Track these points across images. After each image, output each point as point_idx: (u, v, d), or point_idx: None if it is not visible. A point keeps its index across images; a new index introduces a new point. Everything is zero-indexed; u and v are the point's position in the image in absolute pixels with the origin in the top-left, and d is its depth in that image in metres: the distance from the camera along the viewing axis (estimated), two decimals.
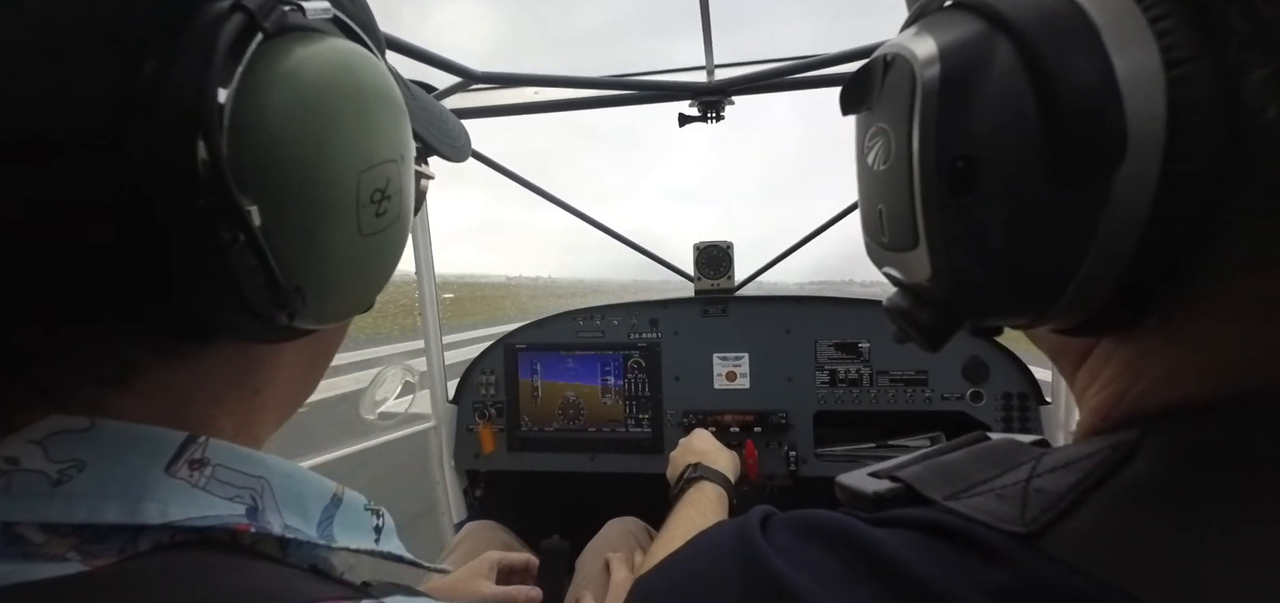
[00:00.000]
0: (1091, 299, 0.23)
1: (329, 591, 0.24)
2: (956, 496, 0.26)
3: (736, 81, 1.19)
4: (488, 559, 0.88)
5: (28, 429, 0.22)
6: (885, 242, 0.27)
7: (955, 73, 0.22)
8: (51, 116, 0.20)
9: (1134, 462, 0.23)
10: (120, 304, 0.23)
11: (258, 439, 0.30)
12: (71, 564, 0.21)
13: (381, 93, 0.27)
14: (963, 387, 1.24)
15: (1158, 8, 0.20)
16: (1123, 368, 0.26)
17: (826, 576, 0.25)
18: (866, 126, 0.27)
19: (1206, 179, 0.20)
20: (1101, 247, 0.22)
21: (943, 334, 0.26)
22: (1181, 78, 0.19)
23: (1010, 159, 0.21)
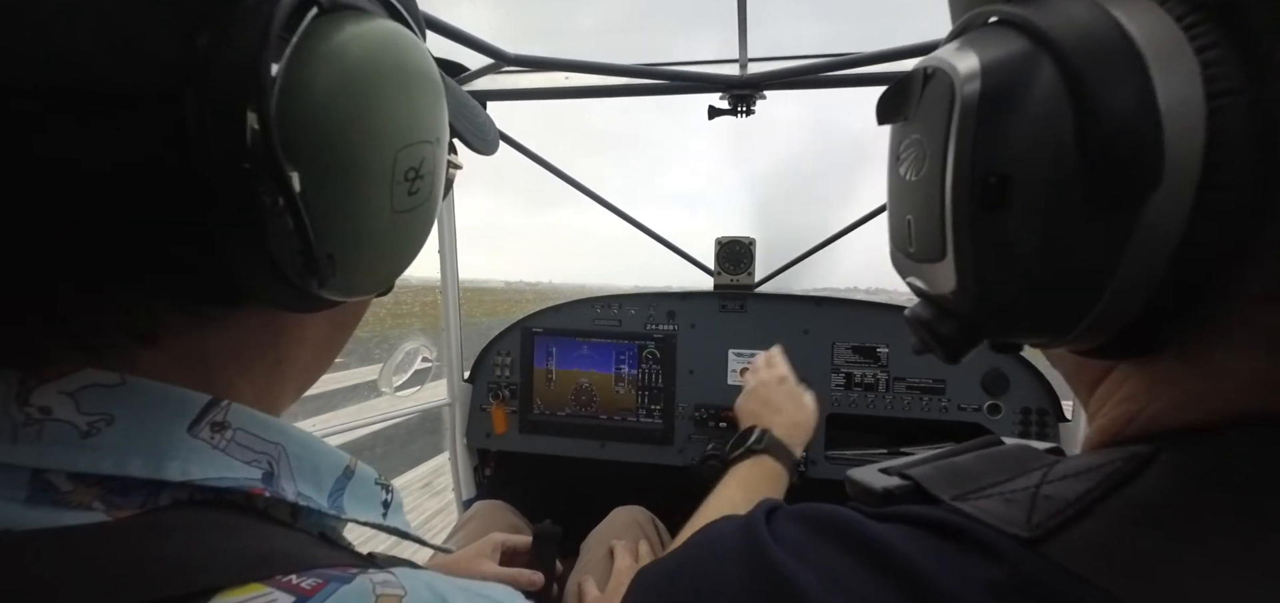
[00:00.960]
0: (1114, 322, 0.23)
1: (338, 557, 0.24)
2: (964, 496, 0.26)
3: (770, 76, 1.17)
4: (492, 540, 0.89)
5: (61, 381, 0.23)
6: (912, 251, 0.27)
7: (995, 90, 0.22)
8: (110, 73, 0.20)
9: (1145, 475, 0.23)
10: (160, 263, 0.23)
11: (275, 407, 0.31)
12: (96, 514, 0.21)
13: (424, 75, 0.28)
14: (981, 399, 1.21)
15: (1204, 37, 0.19)
16: (1136, 390, 0.26)
17: (831, 572, 0.25)
18: (902, 137, 0.27)
19: (1238, 210, 0.20)
20: (1128, 271, 0.21)
21: (963, 347, 0.26)
22: (1222, 109, 0.19)
23: (1044, 179, 0.21)
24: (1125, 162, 0.20)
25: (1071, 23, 0.21)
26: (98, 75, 0.20)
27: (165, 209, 0.22)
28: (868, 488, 0.30)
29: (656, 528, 1.10)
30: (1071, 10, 0.21)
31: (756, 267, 1.38)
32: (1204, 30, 0.19)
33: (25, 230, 0.21)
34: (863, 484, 0.30)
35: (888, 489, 0.29)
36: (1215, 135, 0.19)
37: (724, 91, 1.20)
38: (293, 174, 0.23)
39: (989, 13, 0.24)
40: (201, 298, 0.25)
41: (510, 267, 38.61)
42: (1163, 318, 0.22)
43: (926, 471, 0.29)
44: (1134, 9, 0.21)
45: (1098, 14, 0.21)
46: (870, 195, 1.34)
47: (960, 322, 0.26)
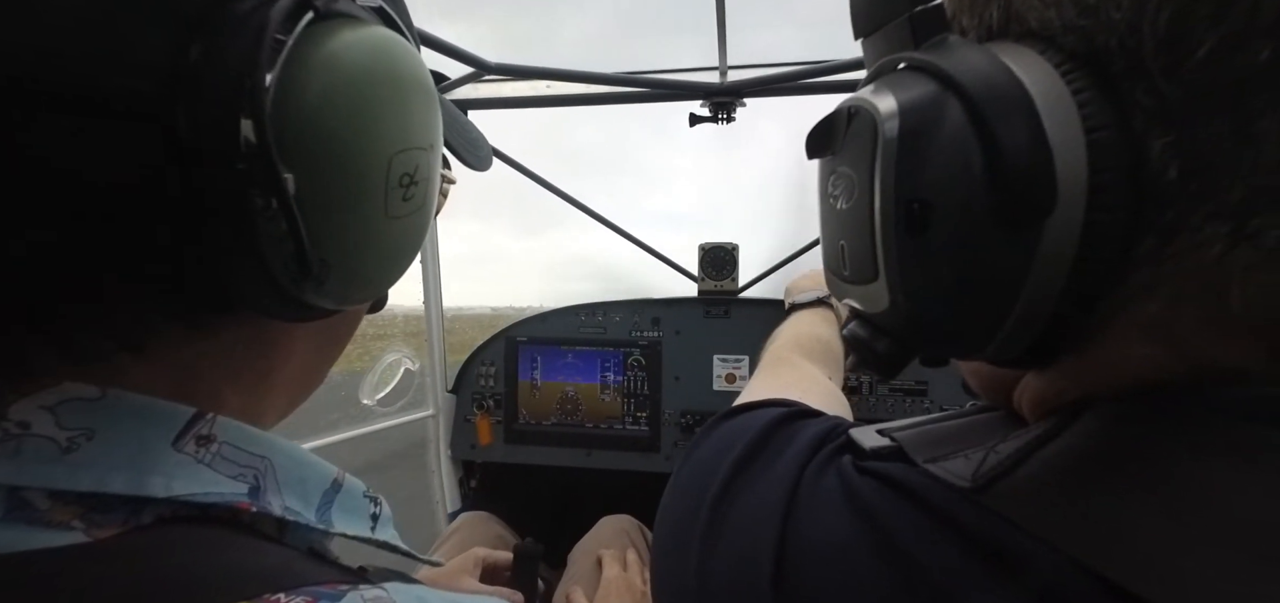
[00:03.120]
0: (1026, 332, 0.26)
1: (327, 574, 0.24)
2: (935, 459, 0.29)
3: (749, 83, 1.19)
4: (473, 555, 0.88)
5: (40, 394, 0.22)
6: (846, 274, 0.29)
7: (912, 127, 0.24)
8: (102, 80, 0.20)
9: (1066, 433, 0.26)
10: (151, 271, 0.23)
11: (262, 421, 0.30)
12: (75, 533, 0.21)
13: (417, 81, 0.28)
14: (962, 399, 1.23)
15: (1078, 82, 0.23)
16: (1043, 390, 0.29)
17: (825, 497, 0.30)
18: (830, 169, 0.30)
19: (1121, 228, 0.23)
20: (1035, 285, 0.24)
21: (897, 363, 0.29)
22: (1098, 142, 0.22)
23: (958, 204, 0.24)
24: (1025, 188, 0.23)
25: (973, 69, 0.24)
26: (90, 83, 0.20)
27: (157, 216, 0.22)
28: (858, 445, 0.33)
29: (645, 537, 1.09)
30: (971, 58, 0.24)
31: (740, 272, 1.39)
32: (1077, 77, 0.23)
33: (11, 238, 0.21)
34: (857, 441, 0.33)
35: (875, 449, 0.32)
36: (1094, 164, 0.22)
37: (705, 99, 1.21)
38: (286, 177, 0.22)
39: (900, 59, 0.27)
40: (192, 306, 0.25)
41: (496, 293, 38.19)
42: (1064, 324, 0.25)
43: (911, 435, 0.32)
44: (1021, 58, 0.24)
45: (992, 62, 0.24)
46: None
47: (893, 339, 0.28)
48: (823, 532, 0.28)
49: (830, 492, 0.30)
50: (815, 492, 0.30)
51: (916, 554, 0.25)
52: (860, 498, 0.28)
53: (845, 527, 0.28)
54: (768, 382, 0.59)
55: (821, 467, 0.31)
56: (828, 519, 0.28)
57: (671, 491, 0.38)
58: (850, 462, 0.31)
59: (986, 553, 0.24)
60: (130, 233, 0.22)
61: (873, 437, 0.33)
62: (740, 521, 0.31)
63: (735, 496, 0.33)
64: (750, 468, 0.34)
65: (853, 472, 0.30)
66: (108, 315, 0.23)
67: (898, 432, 0.33)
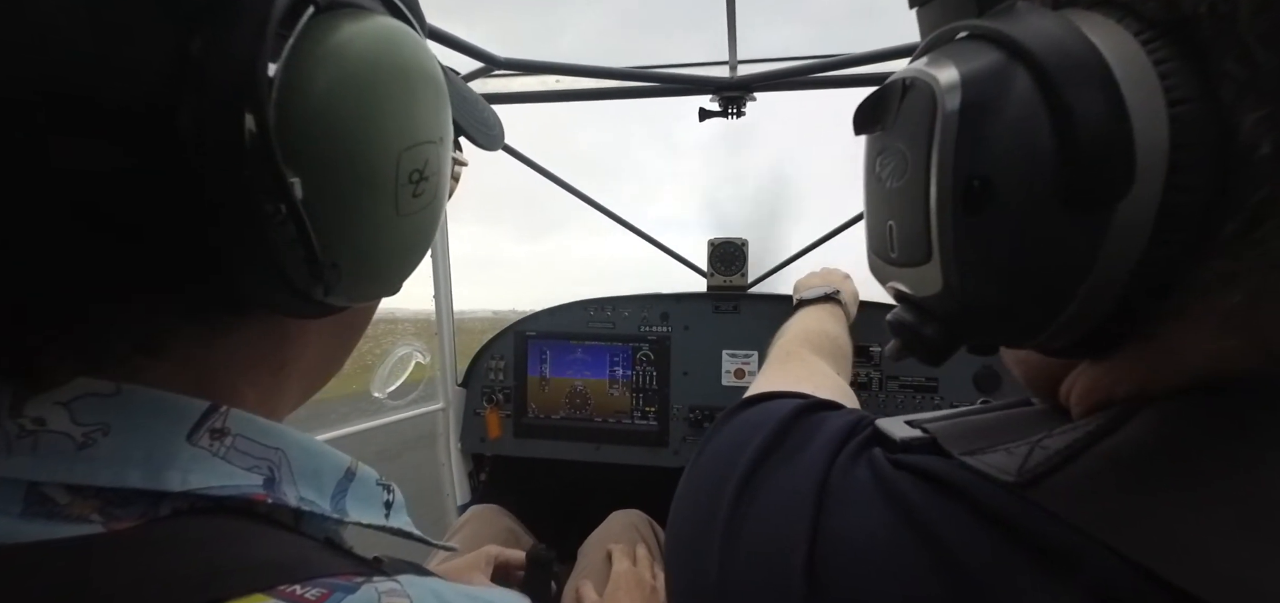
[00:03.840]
0: (1087, 319, 0.24)
1: (343, 565, 0.24)
2: (973, 452, 0.28)
3: (759, 78, 1.18)
4: (485, 553, 0.88)
5: (55, 391, 0.22)
6: (894, 256, 0.28)
7: (976, 99, 0.23)
8: (105, 80, 0.20)
9: (1123, 429, 0.25)
10: (163, 273, 0.23)
11: (278, 414, 0.31)
12: (93, 526, 0.21)
13: (425, 73, 0.27)
14: (973, 395, 1.23)
15: (1160, 51, 0.21)
16: (1096, 382, 0.28)
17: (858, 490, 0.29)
18: (879, 146, 0.28)
19: (1201, 209, 0.21)
20: (1102, 269, 0.23)
21: (946, 349, 0.27)
22: (1181, 116, 0.21)
23: (1024, 182, 0.22)
24: (1102, 165, 0.21)
25: (1044, 36, 0.22)
26: (93, 84, 0.20)
27: (165, 218, 0.22)
28: (888, 436, 0.31)
29: (654, 531, 1.10)
30: (1042, 25, 0.23)
31: (749, 268, 1.38)
32: (1160, 46, 0.21)
33: (22, 241, 0.21)
34: (885, 432, 0.32)
35: (906, 440, 0.31)
36: (1176, 140, 0.21)
37: (714, 93, 1.20)
38: (293, 180, 0.22)
39: (960, 28, 0.25)
40: (206, 307, 0.25)
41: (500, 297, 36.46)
42: (1129, 313, 0.24)
43: (944, 427, 0.31)
44: (1096, 25, 0.22)
45: (1066, 28, 0.22)
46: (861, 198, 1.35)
47: (943, 324, 0.27)
48: (857, 525, 0.27)
49: (863, 484, 0.29)
50: (847, 484, 0.29)
51: (958, 550, 0.24)
52: (896, 491, 0.27)
53: (881, 520, 0.27)
54: (777, 376, 0.58)
55: (851, 459, 0.30)
56: (863, 512, 0.28)
57: (688, 482, 0.37)
58: (882, 454, 0.30)
59: (1033, 549, 0.23)
60: (141, 235, 0.22)
61: (902, 428, 0.32)
62: (766, 512, 0.30)
63: (758, 487, 0.32)
64: (772, 459, 0.33)
65: (886, 464, 0.29)
66: (122, 317, 0.24)
67: (930, 423, 0.31)
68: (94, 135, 0.20)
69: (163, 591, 0.20)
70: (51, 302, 0.22)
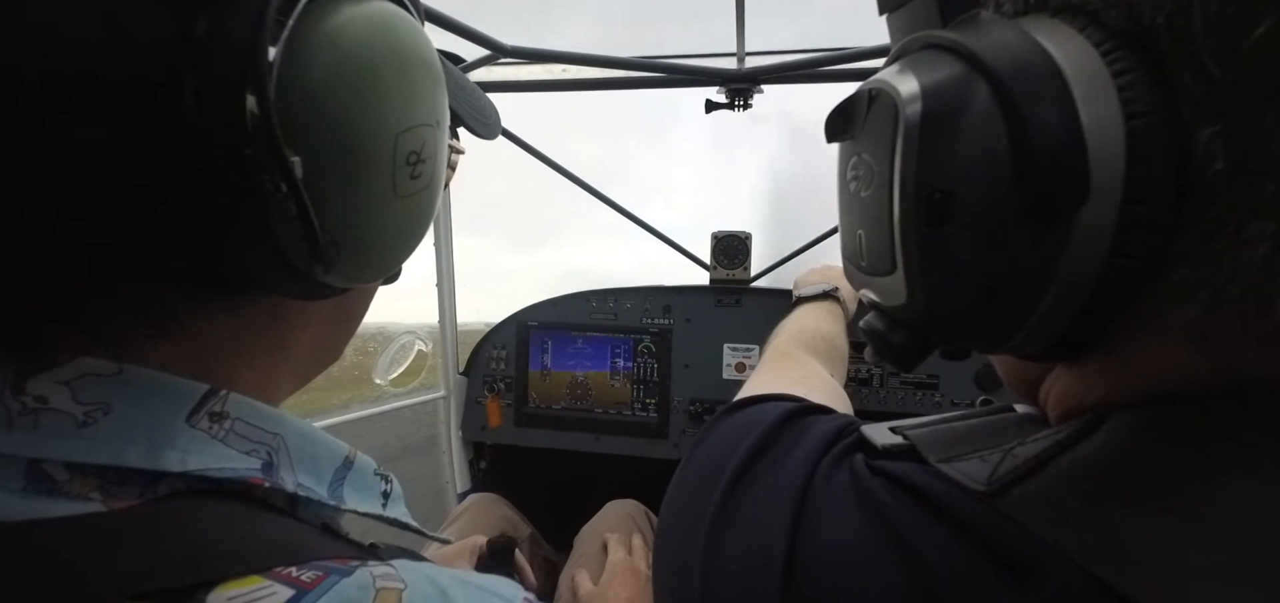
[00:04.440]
0: (1053, 327, 0.24)
1: (340, 549, 0.24)
2: (949, 459, 0.28)
3: (767, 70, 1.17)
4: (471, 543, 0.89)
5: (57, 370, 0.22)
6: (864, 265, 0.28)
7: (935, 111, 0.23)
8: (108, 60, 0.20)
9: (1090, 439, 0.25)
10: (166, 252, 0.23)
11: (276, 398, 0.31)
12: (92, 504, 0.21)
13: (421, 57, 0.28)
14: (973, 393, 1.22)
15: (1120, 63, 0.21)
16: (1069, 388, 0.28)
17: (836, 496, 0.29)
18: (849, 154, 0.28)
19: (1156, 222, 0.21)
20: (1063, 280, 0.23)
21: (914, 356, 0.28)
22: (1139, 129, 0.21)
23: (983, 194, 0.23)
24: (1055, 177, 0.21)
25: (1002, 48, 0.22)
26: (99, 64, 0.20)
27: (168, 198, 0.22)
28: (871, 443, 0.32)
29: (650, 522, 1.10)
30: (1001, 36, 0.23)
31: (753, 261, 1.38)
32: (1119, 57, 0.21)
33: (25, 219, 0.21)
34: (868, 439, 0.32)
35: (887, 446, 0.31)
36: (1134, 153, 0.21)
37: (722, 85, 1.19)
38: (294, 160, 0.22)
39: (925, 38, 0.25)
40: (208, 287, 0.25)
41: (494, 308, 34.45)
42: (1093, 322, 0.24)
43: (924, 434, 0.31)
44: (1057, 36, 0.22)
45: (1025, 40, 0.22)
46: None
47: (911, 332, 0.27)
48: (834, 532, 0.27)
49: (842, 491, 0.29)
50: (827, 490, 0.29)
51: (927, 556, 0.25)
52: (872, 498, 0.27)
53: (857, 527, 0.27)
54: (771, 376, 0.58)
55: (834, 465, 0.31)
56: (839, 519, 0.28)
57: (678, 481, 0.38)
58: (862, 460, 0.30)
59: (999, 558, 0.24)
60: (144, 216, 0.22)
61: (885, 435, 0.32)
62: (749, 515, 0.31)
63: (744, 489, 0.32)
64: (759, 462, 0.33)
65: (865, 471, 0.29)
66: (125, 296, 0.24)
67: (911, 430, 0.31)
68: (98, 115, 0.20)
69: (160, 570, 0.20)
70: (54, 280, 0.22)
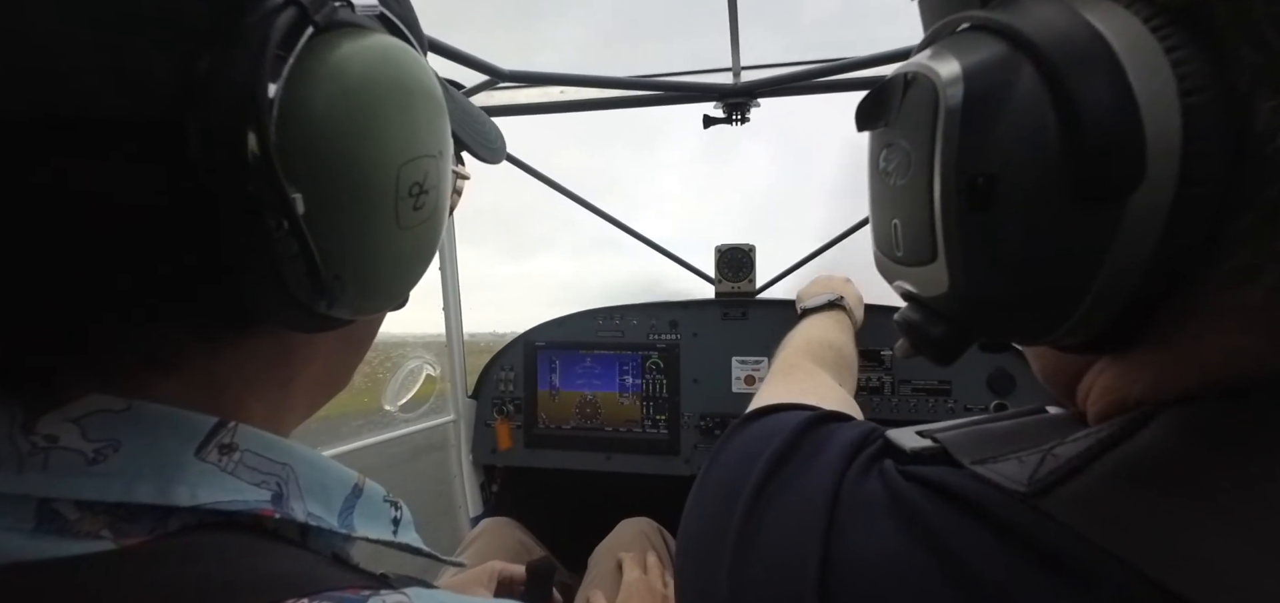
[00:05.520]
0: (1100, 317, 0.24)
1: (351, 580, 0.24)
2: (983, 461, 0.27)
3: (763, 83, 1.18)
4: (489, 568, 0.88)
5: (66, 407, 0.22)
6: (899, 255, 0.27)
7: (978, 93, 0.22)
8: (111, 101, 0.20)
9: (1137, 436, 0.24)
10: (170, 290, 0.23)
11: (285, 427, 0.31)
12: (103, 542, 0.21)
13: (423, 88, 0.28)
14: (987, 398, 1.21)
15: (1173, 37, 0.20)
16: (1113, 381, 0.27)
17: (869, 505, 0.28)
18: (882, 142, 0.28)
19: (1216, 202, 0.21)
20: (1114, 265, 0.22)
21: (954, 349, 0.27)
22: (1194, 106, 0.20)
23: (1030, 178, 0.22)
24: (1110, 158, 0.21)
25: (1048, 26, 0.21)
26: (100, 104, 0.20)
27: (171, 236, 0.22)
28: (899, 447, 0.31)
29: (665, 539, 1.09)
30: (1045, 15, 0.22)
31: (757, 273, 1.38)
32: (1171, 32, 0.20)
33: (30, 261, 0.21)
34: (896, 444, 0.31)
35: (917, 450, 0.30)
36: (1189, 131, 0.20)
37: (718, 100, 1.20)
38: (295, 197, 0.22)
39: (962, 19, 0.25)
40: (213, 322, 0.25)
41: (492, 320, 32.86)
42: (1143, 310, 0.23)
43: (955, 436, 0.30)
44: (1103, 12, 0.21)
45: (1071, 17, 0.21)
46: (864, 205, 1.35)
47: (951, 324, 0.26)
48: (869, 542, 0.27)
49: (874, 498, 0.28)
50: (858, 499, 0.28)
51: (970, 562, 0.24)
52: (907, 505, 0.27)
53: (893, 536, 0.26)
54: (780, 388, 0.57)
55: (862, 472, 0.30)
56: (874, 527, 0.27)
57: (698, 495, 0.37)
58: (893, 466, 0.29)
59: (1048, 562, 0.23)
60: (149, 254, 0.22)
61: (913, 438, 0.31)
62: (778, 527, 0.30)
63: (770, 500, 0.31)
64: (783, 471, 0.32)
65: (897, 476, 0.28)
66: (131, 333, 0.24)
67: (940, 433, 0.30)
68: (101, 155, 0.21)
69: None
70: (61, 319, 0.23)
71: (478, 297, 1.47)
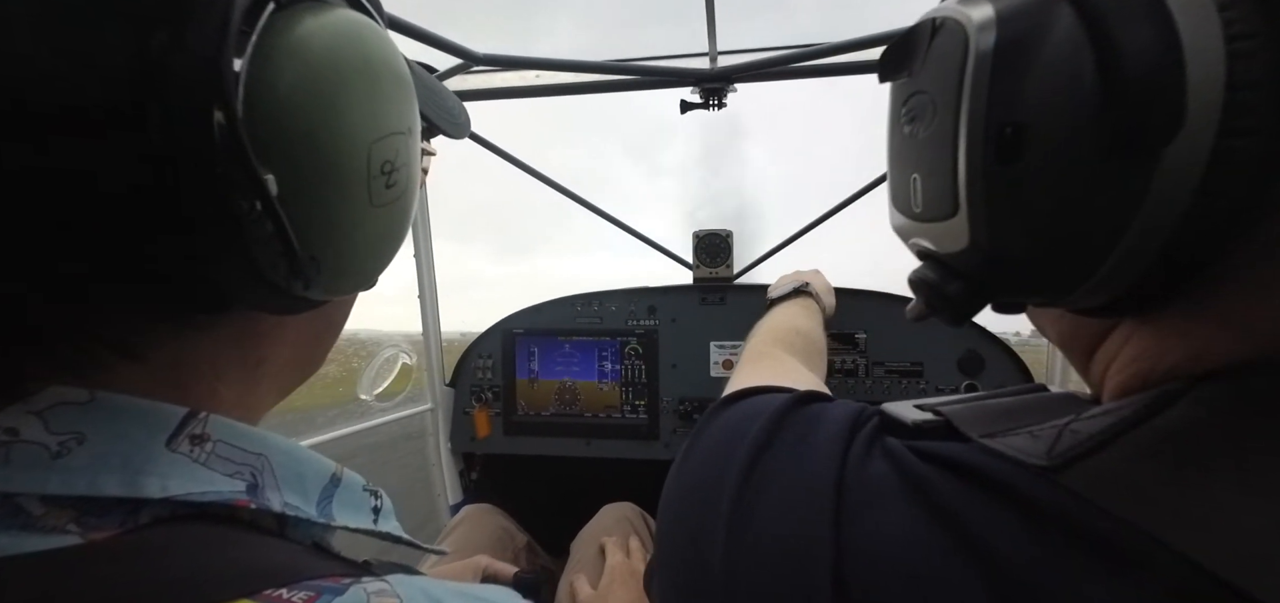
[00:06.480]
0: (1125, 276, 0.23)
1: (332, 568, 0.24)
2: (993, 434, 0.26)
3: (739, 69, 1.18)
4: (475, 563, 0.88)
5: (28, 400, 0.22)
6: (918, 211, 0.26)
7: (1011, 37, 0.21)
8: (67, 88, 0.20)
9: (1170, 411, 0.23)
10: (139, 277, 0.23)
11: (256, 412, 0.30)
12: (70, 537, 0.21)
13: (390, 65, 0.27)
14: (958, 379, 1.24)
15: None
16: (1146, 347, 0.26)
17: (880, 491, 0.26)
18: (905, 92, 0.27)
19: (1255, 158, 0.19)
20: (1145, 222, 0.21)
21: (970, 307, 0.26)
22: (1241, 52, 0.19)
23: (1063, 126, 0.21)
24: (1150, 103, 0.19)
25: None
26: (54, 87, 0.19)
27: (137, 220, 0.21)
28: (899, 421, 0.30)
29: (647, 523, 1.10)
30: None
31: (734, 259, 1.39)
32: None
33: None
34: (895, 417, 0.30)
35: (918, 423, 0.29)
36: (1234, 78, 0.19)
37: (695, 85, 1.20)
38: (267, 177, 0.22)
39: None
40: (184, 308, 0.25)
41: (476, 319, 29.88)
42: (1176, 270, 0.22)
43: (960, 410, 0.29)
44: None
45: None
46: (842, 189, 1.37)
47: (968, 281, 0.25)
48: (884, 526, 0.25)
49: (883, 480, 0.27)
50: (865, 482, 0.27)
51: (994, 543, 0.22)
52: (920, 483, 0.25)
53: (908, 519, 0.25)
54: (750, 374, 0.56)
55: (865, 451, 0.28)
56: (887, 512, 0.26)
57: (678, 479, 0.35)
58: (899, 444, 0.28)
59: (1078, 540, 0.21)
60: (115, 240, 0.22)
61: (913, 411, 0.30)
62: (778, 508, 0.28)
63: (765, 480, 0.30)
64: (773, 449, 0.31)
65: (906, 453, 0.27)
66: (99, 323, 0.23)
67: (944, 406, 0.29)
68: (55, 140, 0.20)
69: (143, 601, 0.19)
70: (23, 309, 0.22)
71: (471, 296, 1.45)
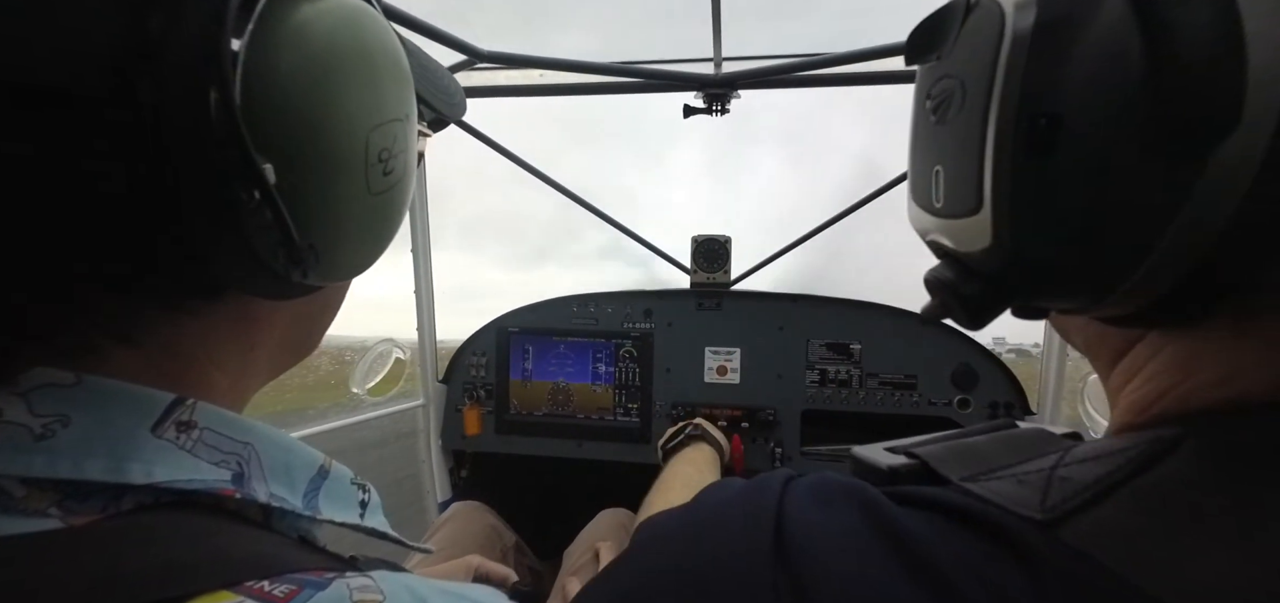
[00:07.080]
0: (1158, 285, 0.21)
1: (316, 562, 0.23)
2: (974, 477, 0.25)
3: (743, 75, 1.18)
4: (466, 563, 0.87)
5: (13, 382, 0.21)
6: (938, 206, 0.25)
7: (1053, 18, 0.20)
8: (61, 66, 0.19)
9: (1169, 460, 0.21)
10: (135, 261, 0.23)
11: (247, 394, 0.30)
12: (50, 520, 0.20)
13: (387, 51, 0.27)
14: (951, 393, 1.24)
15: None
16: (1169, 364, 0.24)
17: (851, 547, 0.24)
18: (933, 77, 0.25)
19: None
20: (1185, 227, 0.19)
21: (989, 311, 0.24)
22: None
23: (1102, 120, 0.19)
24: (1204, 98, 0.18)
25: None
26: (49, 70, 0.19)
27: (134, 205, 0.21)
28: (873, 466, 0.28)
29: None
30: None
31: (732, 265, 1.39)
32: None
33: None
34: (868, 462, 0.29)
35: (893, 468, 0.28)
36: None
37: (699, 90, 1.20)
38: (266, 165, 0.22)
39: None
40: (180, 293, 0.24)
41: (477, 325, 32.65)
42: (1213, 284, 0.20)
43: (935, 450, 0.28)
44: None
45: None
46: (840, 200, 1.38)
47: (988, 283, 0.24)
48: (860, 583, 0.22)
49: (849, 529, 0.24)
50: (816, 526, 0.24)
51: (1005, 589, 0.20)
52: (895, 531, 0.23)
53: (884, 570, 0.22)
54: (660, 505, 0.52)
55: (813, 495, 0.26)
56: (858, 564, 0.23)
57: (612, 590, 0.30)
58: (877, 491, 0.25)
59: (1082, 600, 0.20)
60: (111, 225, 0.21)
61: (885, 455, 0.28)
62: None
63: None
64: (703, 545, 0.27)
65: (882, 500, 0.24)
66: (94, 307, 0.23)
67: (917, 448, 0.28)
68: (50, 120, 0.20)
69: (122, 587, 0.19)
70: (15, 291, 0.22)
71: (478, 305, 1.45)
